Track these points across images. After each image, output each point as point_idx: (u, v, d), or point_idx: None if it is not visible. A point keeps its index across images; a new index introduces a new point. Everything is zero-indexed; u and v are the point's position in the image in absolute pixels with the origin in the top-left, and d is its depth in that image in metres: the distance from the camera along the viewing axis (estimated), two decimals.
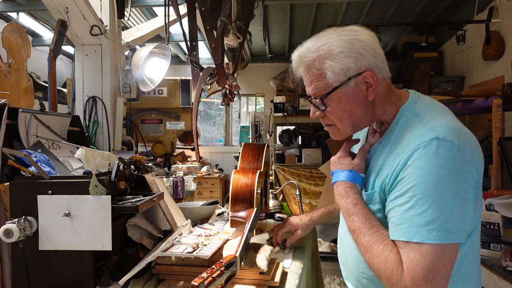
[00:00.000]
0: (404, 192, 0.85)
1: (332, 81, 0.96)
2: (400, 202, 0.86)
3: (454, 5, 4.25)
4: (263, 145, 1.73)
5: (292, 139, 5.60)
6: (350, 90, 0.97)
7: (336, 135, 1.06)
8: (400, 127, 0.97)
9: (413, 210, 0.83)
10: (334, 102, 0.98)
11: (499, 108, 2.36)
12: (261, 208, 1.68)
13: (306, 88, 1.04)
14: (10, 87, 2.19)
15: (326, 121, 1.04)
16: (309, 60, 0.98)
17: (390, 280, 0.83)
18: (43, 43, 4.95)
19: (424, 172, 0.83)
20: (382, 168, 0.95)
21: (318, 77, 0.97)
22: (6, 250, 1.16)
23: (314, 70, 0.98)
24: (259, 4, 1.90)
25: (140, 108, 2.94)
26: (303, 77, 1.03)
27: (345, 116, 1.00)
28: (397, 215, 0.86)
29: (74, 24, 2.37)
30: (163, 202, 1.49)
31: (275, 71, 6.32)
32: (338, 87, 0.96)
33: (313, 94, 1.00)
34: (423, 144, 0.85)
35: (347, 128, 1.02)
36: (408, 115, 0.97)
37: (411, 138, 0.90)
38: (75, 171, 1.43)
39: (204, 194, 5.76)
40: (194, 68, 1.77)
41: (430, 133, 0.87)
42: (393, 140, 0.96)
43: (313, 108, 1.04)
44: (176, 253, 1.18)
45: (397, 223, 0.86)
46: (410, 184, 0.85)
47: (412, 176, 0.85)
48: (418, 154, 0.85)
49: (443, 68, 4.90)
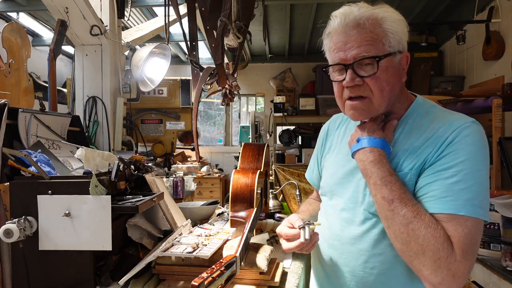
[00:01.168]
0: (451, 166, 0.85)
1: (387, 46, 0.90)
2: (445, 175, 0.85)
3: (454, 5, 4.24)
4: (263, 145, 1.73)
5: (292, 139, 5.60)
6: (396, 63, 0.93)
7: (363, 112, 0.96)
8: (421, 115, 0.96)
9: (460, 184, 0.83)
10: (382, 70, 0.91)
11: (499, 108, 2.36)
12: (261, 208, 1.68)
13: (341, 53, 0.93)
14: (10, 87, 2.19)
15: (362, 91, 0.93)
16: (367, 17, 0.90)
17: (438, 253, 0.80)
18: (43, 43, 4.95)
19: (473, 149, 0.85)
20: (413, 150, 0.92)
21: (373, 39, 0.90)
22: (6, 250, 1.16)
23: (371, 29, 0.90)
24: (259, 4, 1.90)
25: (140, 108, 2.94)
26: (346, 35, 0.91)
27: (388, 89, 0.93)
28: (440, 188, 0.84)
29: (74, 24, 2.37)
30: (163, 202, 1.49)
31: (275, 71, 6.32)
32: (391, 54, 0.91)
33: (360, 56, 0.90)
34: (468, 125, 0.88)
35: (382, 103, 0.94)
36: (425, 106, 0.98)
37: (450, 120, 0.91)
38: (75, 171, 1.43)
39: (204, 194, 5.76)
40: (194, 68, 1.77)
41: (467, 118, 0.91)
42: (417, 126, 0.95)
43: (351, 74, 0.92)
44: (176, 253, 1.18)
45: (441, 196, 0.84)
46: (459, 159, 0.84)
47: (462, 152, 0.85)
48: (466, 132, 0.87)
49: (443, 68, 4.90)
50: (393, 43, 0.91)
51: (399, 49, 0.92)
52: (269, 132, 5.62)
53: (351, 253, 0.99)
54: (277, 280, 1.17)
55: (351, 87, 0.93)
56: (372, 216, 0.96)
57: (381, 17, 0.91)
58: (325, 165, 1.17)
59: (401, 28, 0.92)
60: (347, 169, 1.05)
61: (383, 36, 0.90)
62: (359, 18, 0.90)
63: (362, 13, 0.91)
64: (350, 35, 0.91)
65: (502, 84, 2.58)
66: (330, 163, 1.15)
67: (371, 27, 0.90)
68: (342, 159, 1.09)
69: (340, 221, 1.03)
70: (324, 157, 1.21)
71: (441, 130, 0.90)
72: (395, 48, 0.91)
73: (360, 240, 0.97)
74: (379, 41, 0.90)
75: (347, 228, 1.01)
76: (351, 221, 1.00)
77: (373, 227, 0.95)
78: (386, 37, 0.90)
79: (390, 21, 0.91)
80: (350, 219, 1.00)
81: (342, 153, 1.10)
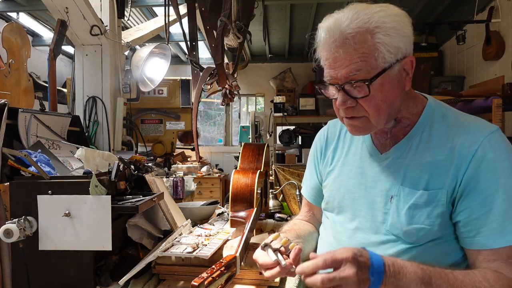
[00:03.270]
0: (496, 189, 0.78)
1: (380, 61, 0.80)
2: (497, 201, 0.78)
3: (454, 5, 4.24)
4: (263, 145, 1.73)
5: (292, 139, 5.60)
6: (394, 75, 0.83)
7: (361, 129, 0.89)
8: (438, 120, 0.88)
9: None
10: (376, 88, 0.82)
11: (499, 108, 2.36)
12: (261, 208, 1.68)
13: (331, 71, 0.84)
14: (10, 87, 2.19)
15: (356, 112, 0.86)
16: (355, 32, 0.79)
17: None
18: (43, 43, 4.94)
19: (510, 164, 0.80)
20: (438, 164, 0.84)
21: (363, 55, 0.79)
22: (6, 250, 1.16)
23: (360, 45, 0.79)
24: (259, 4, 1.90)
25: (140, 108, 2.94)
26: (334, 54, 0.82)
27: (384, 107, 0.84)
28: (498, 218, 0.77)
29: (74, 24, 2.37)
30: (163, 202, 1.49)
31: (275, 71, 6.32)
32: (386, 70, 0.81)
33: (351, 77, 0.81)
34: (494, 135, 0.82)
35: (381, 121, 0.86)
36: (440, 110, 0.90)
37: (471, 128, 0.84)
38: (75, 171, 1.43)
39: (204, 194, 5.76)
40: (194, 68, 1.77)
41: (489, 124, 0.85)
42: (436, 134, 0.87)
43: (343, 96, 0.84)
44: (176, 253, 1.18)
45: (501, 226, 0.76)
46: (501, 179, 0.78)
47: (500, 170, 0.79)
48: (495, 146, 0.80)
49: (443, 68, 4.90)
50: (388, 56, 0.81)
51: (397, 59, 0.82)
52: (269, 132, 5.62)
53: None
54: (277, 280, 1.17)
55: (345, 108, 0.86)
56: (395, 239, 0.88)
57: (373, 27, 0.79)
58: (330, 178, 1.08)
59: (400, 34, 0.81)
60: (359, 182, 0.97)
61: (375, 51, 0.80)
62: (345, 35, 0.79)
63: (349, 27, 0.80)
64: (337, 54, 0.81)
65: (502, 84, 2.58)
66: (336, 176, 1.05)
67: (360, 43, 0.79)
68: (352, 171, 1.00)
69: (355, 243, 0.93)
70: (325, 168, 1.11)
71: (465, 141, 0.82)
72: (391, 60, 0.81)
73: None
74: (371, 57, 0.80)
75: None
76: (367, 243, 0.91)
77: (392, 247, 0.88)
78: (378, 51, 0.80)
79: (383, 31, 0.79)
80: (367, 239, 0.92)
81: (351, 165, 1.01)
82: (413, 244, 0.86)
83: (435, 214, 0.83)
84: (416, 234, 0.84)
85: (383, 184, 0.91)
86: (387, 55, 0.81)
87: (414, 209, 0.85)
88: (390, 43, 0.80)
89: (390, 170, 0.91)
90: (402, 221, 0.86)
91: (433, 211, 0.83)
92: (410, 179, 0.87)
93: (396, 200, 0.88)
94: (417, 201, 0.85)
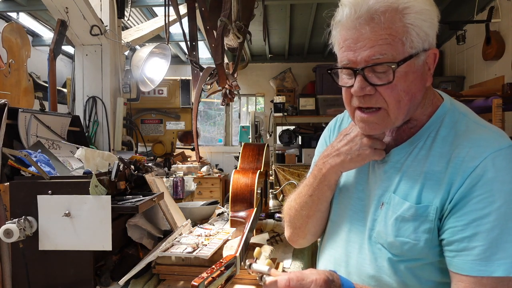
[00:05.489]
0: (489, 213, 0.69)
1: (408, 46, 0.72)
2: (485, 226, 0.69)
3: (454, 5, 4.24)
4: (263, 145, 1.73)
5: (292, 139, 5.60)
6: (419, 65, 0.75)
7: (376, 126, 0.78)
8: (447, 126, 0.79)
9: (505, 236, 0.68)
10: (400, 76, 0.73)
11: (499, 108, 2.36)
12: (261, 208, 1.68)
13: (350, 53, 0.75)
14: (10, 87, 2.19)
15: (374, 102, 0.76)
16: (385, 8, 0.71)
17: None
18: (43, 43, 4.94)
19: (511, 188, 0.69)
20: (432, 176, 0.76)
21: (390, 37, 0.71)
22: (6, 250, 1.16)
23: (388, 24, 0.70)
24: (259, 4, 1.90)
25: (140, 108, 2.94)
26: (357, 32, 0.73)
27: (406, 99, 0.74)
28: (483, 244, 0.69)
29: (74, 24, 2.37)
30: (163, 202, 1.49)
31: (275, 71, 6.31)
32: (413, 56, 0.72)
33: (373, 61, 0.72)
34: (501, 153, 0.71)
35: (399, 116, 0.76)
36: (453, 115, 0.80)
37: (478, 141, 0.74)
38: (75, 171, 1.43)
39: (204, 194, 5.75)
40: (194, 68, 1.77)
41: (502, 139, 0.74)
42: (440, 141, 0.78)
43: (361, 82, 0.74)
44: (176, 253, 1.18)
45: (485, 255, 0.68)
46: (496, 203, 0.69)
47: (498, 193, 0.69)
48: (498, 165, 0.70)
49: (443, 68, 4.90)
50: (416, 42, 0.72)
51: (424, 48, 0.74)
52: (269, 132, 5.62)
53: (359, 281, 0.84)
54: None
55: (361, 97, 0.77)
56: (382, 248, 0.81)
57: (402, 7, 0.71)
58: None
59: (430, 20, 0.73)
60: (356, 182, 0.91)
61: (404, 34, 0.71)
62: (374, 10, 0.71)
63: (378, 3, 0.71)
64: (361, 32, 0.72)
65: (502, 84, 2.59)
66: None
67: (389, 22, 0.70)
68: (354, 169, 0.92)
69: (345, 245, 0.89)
70: None
71: (466, 155, 0.73)
72: (418, 47, 0.73)
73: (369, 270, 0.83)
74: (398, 40, 0.71)
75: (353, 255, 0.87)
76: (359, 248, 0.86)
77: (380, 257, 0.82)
78: (407, 34, 0.71)
79: (414, 12, 0.71)
80: (358, 244, 0.86)
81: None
82: (398, 257, 0.79)
83: (422, 229, 0.75)
84: (401, 248, 0.77)
85: (378, 188, 0.85)
86: (416, 40, 0.72)
87: (401, 221, 0.77)
88: (420, 26, 0.72)
89: (386, 174, 0.83)
90: (388, 231, 0.79)
91: (420, 226, 0.75)
92: (403, 188, 0.79)
93: (385, 208, 0.81)
94: (404, 213, 0.77)
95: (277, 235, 1.64)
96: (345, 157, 0.85)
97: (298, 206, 0.97)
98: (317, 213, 0.95)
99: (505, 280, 0.68)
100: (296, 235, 1.01)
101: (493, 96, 2.41)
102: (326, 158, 0.89)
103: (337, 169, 0.87)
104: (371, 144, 0.82)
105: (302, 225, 0.98)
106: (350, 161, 0.85)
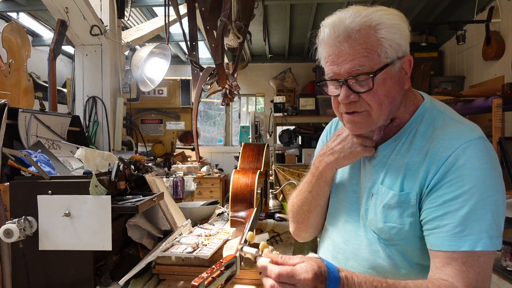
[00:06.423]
0: (459, 195, 0.78)
1: (383, 57, 0.82)
2: (455, 206, 0.78)
3: (454, 5, 4.24)
4: (263, 145, 1.73)
5: (292, 139, 5.60)
6: (395, 72, 0.86)
7: (362, 125, 0.89)
8: (426, 122, 0.89)
9: (473, 215, 0.77)
10: (379, 83, 0.84)
11: (499, 108, 2.36)
12: (261, 208, 1.68)
13: (334, 67, 0.86)
14: (10, 87, 2.19)
15: (358, 106, 0.87)
16: (359, 27, 0.82)
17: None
18: (43, 43, 4.94)
19: (480, 173, 0.78)
20: (412, 166, 0.86)
21: (367, 50, 0.82)
22: (6, 250, 1.16)
23: (364, 40, 0.82)
24: (259, 4, 1.90)
25: (140, 108, 2.94)
26: (338, 49, 0.84)
27: (387, 102, 0.85)
28: (452, 222, 0.78)
29: (74, 24, 2.37)
30: (163, 202, 1.49)
31: (275, 71, 6.32)
32: (388, 65, 0.83)
33: (354, 72, 0.83)
34: (472, 143, 0.80)
35: (381, 116, 0.87)
36: (432, 112, 0.91)
37: (452, 134, 0.83)
38: (75, 171, 1.43)
39: (204, 194, 5.76)
40: (194, 68, 1.77)
41: (473, 132, 0.83)
42: (420, 136, 0.88)
43: (346, 91, 0.85)
44: (176, 253, 1.18)
45: (454, 231, 0.78)
46: (466, 186, 0.78)
47: (468, 178, 0.78)
48: (469, 153, 0.79)
49: (443, 68, 4.90)
50: (390, 52, 0.83)
51: (398, 56, 0.85)
52: (269, 132, 5.62)
53: (354, 269, 0.90)
54: None
55: (347, 104, 0.87)
56: (374, 234, 0.91)
57: (375, 24, 0.83)
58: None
59: (400, 32, 0.84)
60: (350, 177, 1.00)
61: (378, 46, 0.82)
62: (350, 29, 0.82)
63: (353, 22, 0.82)
64: (341, 48, 0.83)
65: (502, 84, 2.58)
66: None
67: (364, 38, 0.82)
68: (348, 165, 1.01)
69: (343, 233, 0.98)
70: None
71: (441, 147, 0.83)
72: (392, 56, 0.84)
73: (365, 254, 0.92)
74: (374, 52, 0.82)
75: (350, 242, 0.96)
76: (354, 235, 0.95)
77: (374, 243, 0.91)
78: (381, 47, 0.82)
79: (385, 27, 0.83)
80: (354, 232, 0.96)
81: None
82: (388, 241, 0.89)
83: (406, 214, 0.86)
84: (389, 232, 0.88)
85: (369, 181, 0.95)
86: (389, 50, 0.83)
87: (388, 208, 0.88)
88: (392, 39, 0.83)
89: (375, 168, 0.94)
90: (377, 218, 0.90)
91: (404, 211, 0.86)
92: (388, 179, 0.90)
93: (375, 198, 0.91)
94: (389, 201, 0.88)
95: (277, 235, 1.64)
96: (339, 155, 0.96)
97: (299, 202, 1.06)
98: (317, 208, 1.05)
99: (475, 255, 0.76)
100: (299, 229, 1.10)
101: (493, 96, 2.41)
102: (322, 157, 0.99)
103: (332, 166, 0.98)
104: (361, 142, 0.93)
105: (304, 220, 1.07)
106: (344, 158, 0.95)
